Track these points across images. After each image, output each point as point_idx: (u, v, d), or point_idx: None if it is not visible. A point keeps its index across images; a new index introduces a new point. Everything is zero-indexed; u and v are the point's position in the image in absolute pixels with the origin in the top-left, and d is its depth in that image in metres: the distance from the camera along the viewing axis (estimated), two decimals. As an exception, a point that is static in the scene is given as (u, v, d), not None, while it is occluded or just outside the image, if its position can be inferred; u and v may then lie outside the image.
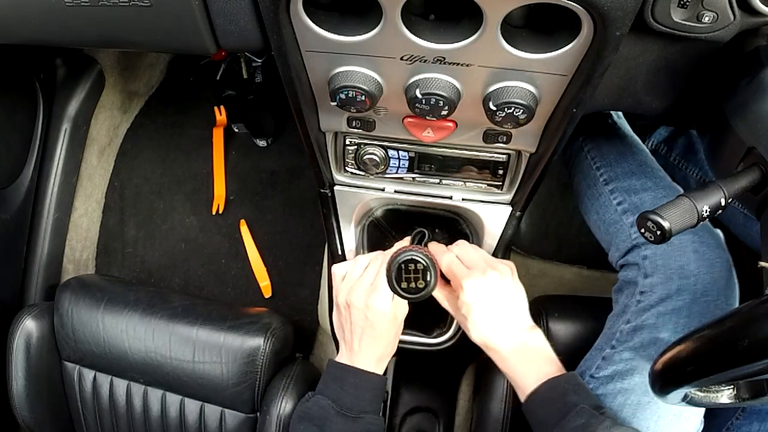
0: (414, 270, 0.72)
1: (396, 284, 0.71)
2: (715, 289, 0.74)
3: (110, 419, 1.02)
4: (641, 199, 0.83)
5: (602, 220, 0.87)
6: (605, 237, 0.86)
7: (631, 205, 0.83)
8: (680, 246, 0.76)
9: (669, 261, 0.75)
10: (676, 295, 0.73)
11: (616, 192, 0.86)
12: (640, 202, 0.83)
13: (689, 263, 0.74)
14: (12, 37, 0.67)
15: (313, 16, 0.56)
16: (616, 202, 0.85)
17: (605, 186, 0.87)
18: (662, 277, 0.75)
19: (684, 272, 0.74)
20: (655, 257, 0.76)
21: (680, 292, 0.73)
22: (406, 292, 0.72)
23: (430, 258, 0.72)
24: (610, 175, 0.88)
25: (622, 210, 0.84)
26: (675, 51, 0.61)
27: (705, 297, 0.73)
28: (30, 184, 1.24)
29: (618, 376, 0.75)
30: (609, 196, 0.86)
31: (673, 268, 0.75)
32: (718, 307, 0.73)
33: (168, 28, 0.61)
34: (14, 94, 1.18)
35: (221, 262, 1.45)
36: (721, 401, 0.56)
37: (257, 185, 1.49)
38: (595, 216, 0.89)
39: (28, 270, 1.28)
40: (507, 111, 0.60)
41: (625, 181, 0.86)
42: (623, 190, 0.85)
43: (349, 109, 0.63)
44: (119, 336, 0.98)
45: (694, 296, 0.73)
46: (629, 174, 0.86)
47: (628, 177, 0.86)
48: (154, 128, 1.53)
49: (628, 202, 0.84)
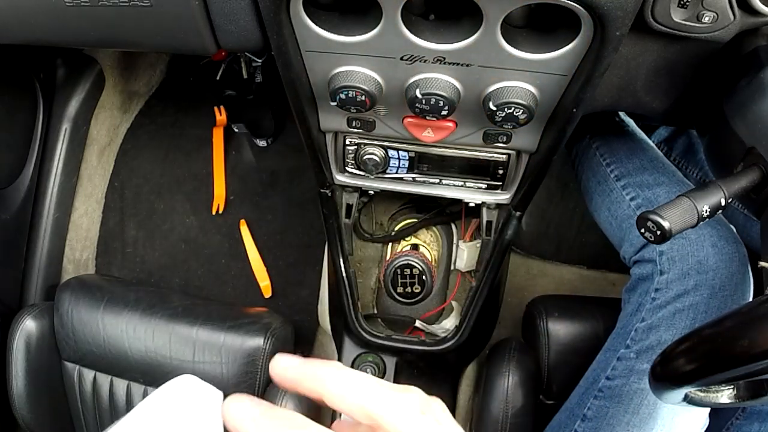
0: (410, 275, 0.72)
1: (392, 289, 0.71)
2: (732, 284, 0.72)
3: (110, 419, 1.02)
4: (655, 194, 0.81)
5: (614, 217, 0.85)
6: (617, 233, 0.85)
7: (645, 200, 0.81)
8: (698, 240, 0.74)
9: (687, 256, 0.74)
10: (694, 291, 0.72)
11: (629, 187, 0.84)
12: (654, 196, 0.81)
13: (708, 258, 0.73)
14: (12, 37, 0.67)
15: (313, 16, 0.56)
16: (629, 198, 0.83)
17: (617, 182, 0.86)
18: (679, 272, 0.73)
19: (702, 267, 0.73)
20: (671, 252, 0.75)
21: (698, 287, 0.72)
22: (402, 297, 0.72)
23: (426, 262, 0.72)
24: (621, 171, 0.87)
25: (635, 205, 0.82)
26: (675, 51, 0.61)
27: (723, 292, 0.72)
28: (30, 184, 1.24)
29: (635, 375, 0.74)
30: (621, 192, 0.85)
31: (691, 264, 0.73)
32: (736, 302, 0.72)
33: (168, 28, 0.61)
34: (14, 94, 1.18)
35: (221, 262, 1.45)
36: (721, 401, 0.56)
37: (257, 185, 1.49)
38: (606, 213, 0.87)
39: (28, 270, 1.28)
40: (507, 111, 0.60)
41: (637, 177, 0.84)
42: (636, 186, 0.84)
43: (349, 109, 0.63)
44: (119, 336, 0.98)
45: (712, 291, 0.71)
46: (641, 169, 0.85)
47: (641, 172, 0.85)
48: (154, 128, 1.53)
49: (641, 197, 0.82)
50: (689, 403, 0.56)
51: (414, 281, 0.72)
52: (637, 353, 0.74)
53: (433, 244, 1.02)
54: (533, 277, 1.35)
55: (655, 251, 0.76)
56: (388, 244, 1.02)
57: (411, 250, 0.95)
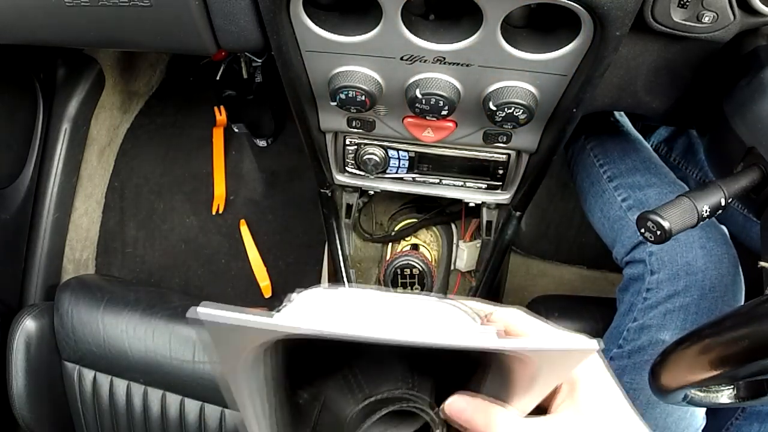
0: (410, 275, 0.71)
1: (392, 289, 0.71)
2: (722, 285, 0.73)
3: (110, 419, 1.02)
4: (646, 195, 0.82)
5: (606, 218, 0.86)
6: (609, 234, 0.86)
7: (636, 201, 0.82)
8: (687, 242, 0.75)
9: (676, 257, 0.74)
10: (684, 292, 0.73)
11: (621, 188, 0.85)
12: (645, 198, 0.82)
13: (696, 259, 0.74)
14: (12, 37, 0.67)
15: (313, 16, 0.56)
16: (620, 199, 0.84)
17: (609, 183, 0.87)
18: (669, 273, 0.74)
19: (691, 268, 0.73)
20: (661, 253, 0.76)
21: (688, 289, 0.73)
22: None
23: (426, 262, 0.72)
24: (614, 172, 0.87)
25: (627, 206, 0.83)
26: (675, 51, 0.61)
27: (713, 293, 0.72)
28: (30, 184, 1.24)
29: (627, 375, 0.74)
30: (613, 193, 0.85)
31: (680, 264, 0.74)
32: (726, 303, 0.72)
33: (168, 28, 0.61)
34: (14, 94, 1.18)
35: (221, 262, 1.45)
36: (721, 401, 0.56)
37: (257, 185, 1.49)
38: (599, 213, 0.88)
39: (28, 270, 1.28)
40: (507, 111, 0.60)
41: (629, 178, 0.85)
42: (627, 187, 0.84)
43: (349, 109, 0.63)
44: (119, 336, 0.98)
45: (702, 292, 0.72)
46: (633, 170, 0.86)
47: (632, 173, 0.85)
48: (154, 128, 1.53)
49: (632, 198, 0.83)
50: (689, 403, 0.56)
51: (414, 281, 0.71)
52: (630, 353, 0.75)
53: (433, 244, 1.02)
54: (533, 277, 1.35)
55: (645, 252, 0.77)
56: (388, 244, 1.02)
57: (411, 250, 0.95)
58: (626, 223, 0.82)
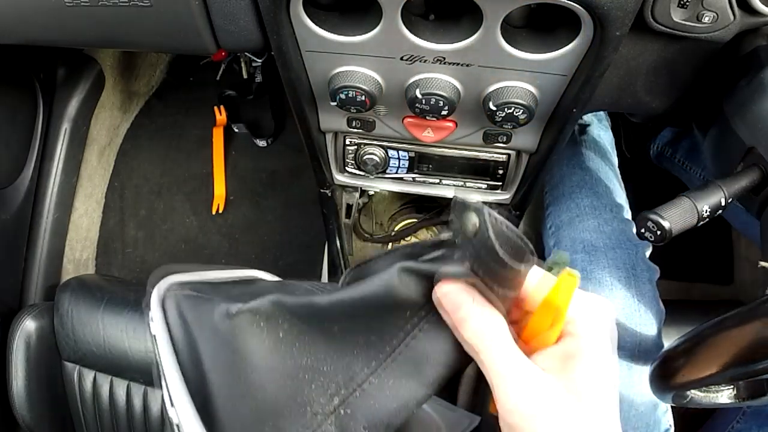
0: None
1: None
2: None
3: (110, 419, 1.02)
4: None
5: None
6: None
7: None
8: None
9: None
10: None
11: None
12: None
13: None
14: (12, 37, 0.67)
15: (313, 16, 0.56)
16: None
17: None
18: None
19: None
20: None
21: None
22: None
23: None
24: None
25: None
26: (675, 51, 0.61)
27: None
28: (30, 184, 1.24)
29: None
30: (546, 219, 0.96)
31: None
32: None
33: (168, 28, 0.61)
34: (14, 94, 1.18)
35: (221, 262, 1.45)
36: (721, 401, 0.56)
37: (257, 185, 1.49)
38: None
39: (28, 270, 1.28)
40: (507, 111, 0.60)
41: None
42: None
43: (349, 109, 0.63)
44: (119, 336, 0.98)
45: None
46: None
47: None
48: (154, 128, 1.53)
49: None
50: (689, 404, 0.56)
51: None
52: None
53: (433, 244, 1.01)
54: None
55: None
56: (388, 244, 1.02)
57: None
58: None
